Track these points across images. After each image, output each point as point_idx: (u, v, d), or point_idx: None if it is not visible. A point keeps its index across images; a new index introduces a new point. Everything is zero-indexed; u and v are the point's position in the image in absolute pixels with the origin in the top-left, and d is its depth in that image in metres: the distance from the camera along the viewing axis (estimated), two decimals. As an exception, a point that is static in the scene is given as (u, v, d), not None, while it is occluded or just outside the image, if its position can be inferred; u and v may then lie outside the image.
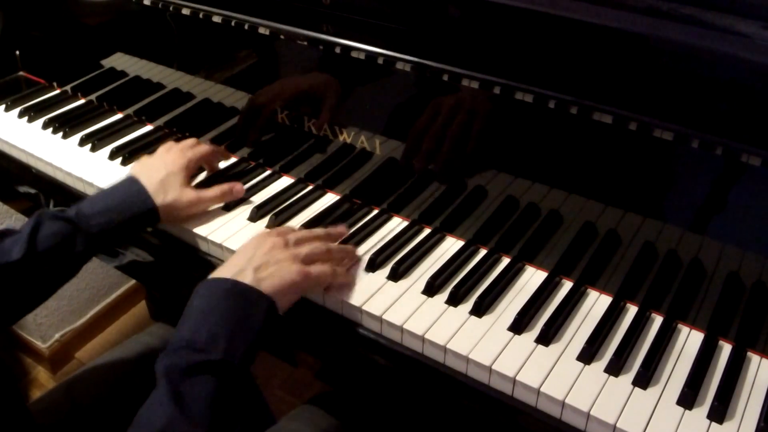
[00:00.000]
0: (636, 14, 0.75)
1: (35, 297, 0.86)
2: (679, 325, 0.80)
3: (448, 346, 0.76)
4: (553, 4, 0.79)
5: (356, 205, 0.99)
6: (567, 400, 0.70)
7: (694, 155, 0.72)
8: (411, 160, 0.91)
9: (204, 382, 0.67)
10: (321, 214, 0.97)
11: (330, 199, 1.01)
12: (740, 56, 0.71)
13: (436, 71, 0.84)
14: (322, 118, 0.96)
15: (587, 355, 0.75)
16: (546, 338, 0.77)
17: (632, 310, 0.82)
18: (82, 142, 1.13)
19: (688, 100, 0.75)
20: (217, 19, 1.00)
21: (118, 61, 1.19)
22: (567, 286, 0.85)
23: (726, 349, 0.78)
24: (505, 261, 0.89)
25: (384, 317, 0.80)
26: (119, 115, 1.22)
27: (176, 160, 0.95)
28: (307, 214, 0.97)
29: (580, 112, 0.76)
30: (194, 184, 0.98)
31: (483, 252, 0.90)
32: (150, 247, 0.98)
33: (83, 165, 1.08)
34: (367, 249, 0.90)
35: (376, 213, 0.97)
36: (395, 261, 0.87)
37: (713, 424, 0.69)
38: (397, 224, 0.96)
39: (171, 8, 1.04)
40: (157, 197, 0.90)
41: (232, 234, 0.93)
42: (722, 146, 0.70)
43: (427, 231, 0.94)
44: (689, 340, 0.79)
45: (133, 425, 0.65)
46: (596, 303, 0.83)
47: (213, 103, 1.09)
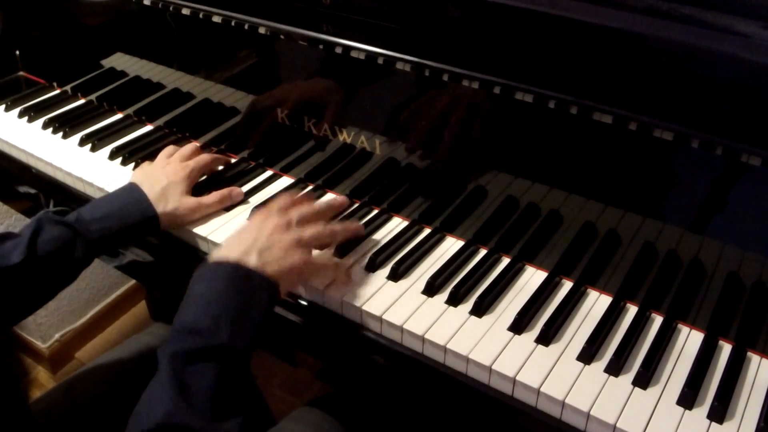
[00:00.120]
0: (636, 14, 0.75)
1: (34, 301, 0.86)
2: (679, 325, 0.80)
3: (448, 346, 0.76)
4: (553, 4, 0.79)
5: (356, 205, 0.99)
6: (567, 400, 0.70)
7: (694, 155, 0.72)
8: (411, 160, 0.91)
9: (206, 369, 0.66)
10: (321, 214, 0.97)
11: (330, 199, 1.01)
12: (740, 56, 0.71)
13: (436, 71, 0.84)
14: (325, 122, 0.96)
15: (587, 355, 0.75)
16: (546, 338, 0.77)
17: (632, 310, 0.82)
18: (82, 142, 1.13)
19: (688, 100, 0.75)
20: (217, 19, 1.00)
21: (118, 61, 1.19)
22: (567, 286, 0.85)
23: (726, 349, 0.78)
24: (505, 261, 0.89)
25: (384, 317, 0.80)
26: (119, 115, 1.22)
27: (178, 170, 0.96)
28: (307, 214, 0.97)
29: (580, 112, 0.76)
30: (194, 186, 0.98)
31: (483, 252, 0.90)
32: (150, 247, 0.98)
33: (83, 165, 1.08)
34: (366, 249, 0.90)
35: (376, 213, 0.97)
36: (395, 261, 0.87)
37: (713, 424, 0.69)
38: (397, 224, 0.96)
39: (171, 8, 1.04)
40: (158, 205, 0.91)
41: (232, 234, 0.93)
42: (722, 146, 0.70)
43: (427, 231, 0.94)
44: (689, 340, 0.79)
45: (134, 415, 0.65)
46: (596, 303, 0.83)
47: (213, 103, 1.09)
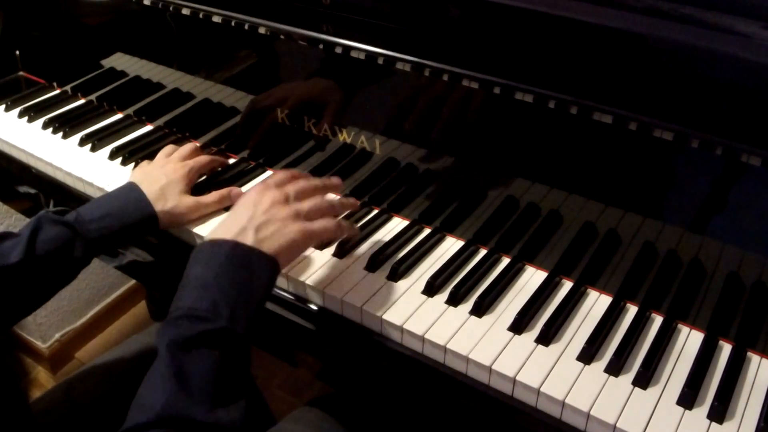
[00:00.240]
0: (636, 14, 0.75)
1: (33, 300, 0.86)
2: (679, 325, 0.80)
3: (448, 346, 0.76)
4: (553, 4, 0.79)
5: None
6: (567, 400, 0.70)
7: (694, 155, 0.72)
8: (411, 160, 0.91)
9: (206, 355, 0.65)
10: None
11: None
12: (740, 56, 0.71)
13: (436, 71, 0.84)
14: (324, 122, 0.96)
15: (587, 355, 0.75)
16: (546, 338, 0.77)
17: (632, 310, 0.82)
18: (82, 142, 1.13)
19: (688, 100, 0.75)
20: (217, 19, 1.00)
21: (118, 61, 1.19)
22: (567, 286, 0.85)
23: (726, 349, 0.78)
24: (505, 261, 0.89)
25: (384, 317, 0.79)
26: (119, 115, 1.22)
27: (177, 169, 0.96)
28: (307, 214, 0.97)
29: (580, 112, 0.76)
30: (193, 186, 0.98)
31: (483, 252, 0.90)
32: (150, 247, 0.98)
33: (83, 165, 1.08)
34: (366, 249, 0.90)
35: (376, 213, 0.97)
36: (395, 261, 0.87)
37: (713, 424, 0.69)
38: (397, 224, 0.96)
39: (171, 8, 1.04)
40: (157, 204, 0.91)
41: (232, 234, 0.93)
42: (722, 146, 0.70)
43: (427, 231, 0.94)
44: (689, 340, 0.79)
45: (134, 406, 0.63)
46: (596, 303, 0.83)
47: (213, 103, 1.09)
